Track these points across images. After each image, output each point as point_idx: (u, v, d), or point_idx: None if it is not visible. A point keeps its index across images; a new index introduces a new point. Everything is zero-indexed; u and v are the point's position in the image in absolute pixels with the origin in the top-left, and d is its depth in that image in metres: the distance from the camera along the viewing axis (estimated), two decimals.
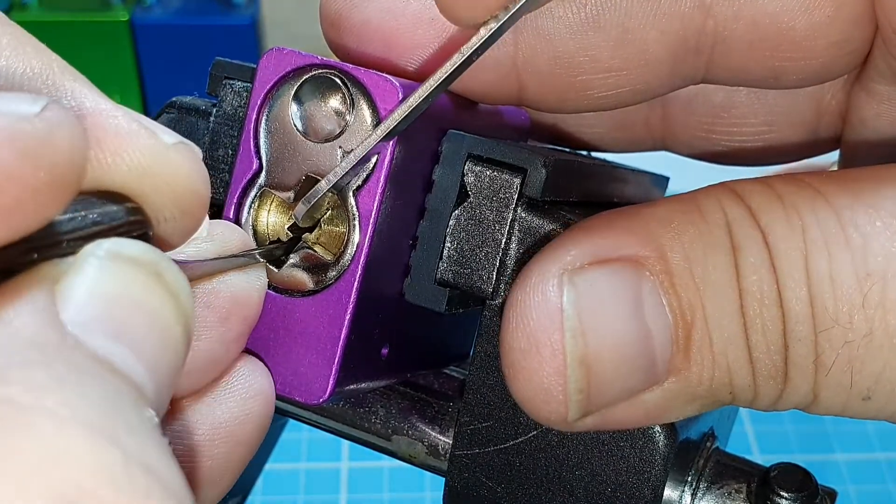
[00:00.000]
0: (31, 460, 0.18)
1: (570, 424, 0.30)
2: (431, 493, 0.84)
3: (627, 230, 0.29)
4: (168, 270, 0.24)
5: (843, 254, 0.28)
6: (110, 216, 0.23)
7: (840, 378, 0.28)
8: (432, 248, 0.33)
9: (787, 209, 0.28)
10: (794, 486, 0.33)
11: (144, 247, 0.23)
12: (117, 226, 0.23)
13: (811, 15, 0.34)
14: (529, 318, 0.29)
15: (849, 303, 0.28)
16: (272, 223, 0.32)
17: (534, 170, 0.32)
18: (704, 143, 0.43)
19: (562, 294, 0.29)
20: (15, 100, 0.20)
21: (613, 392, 0.29)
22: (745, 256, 0.28)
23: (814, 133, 0.41)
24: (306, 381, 0.31)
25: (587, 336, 0.29)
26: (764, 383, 0.29)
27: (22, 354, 0.20)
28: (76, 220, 0.22)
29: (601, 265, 0.29)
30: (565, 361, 0.29)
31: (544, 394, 0.29)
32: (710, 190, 0.30)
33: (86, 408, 0.19)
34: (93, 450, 0.19)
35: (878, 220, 0.28)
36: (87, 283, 0.22)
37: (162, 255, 0.24)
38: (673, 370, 0.29)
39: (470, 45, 0.29)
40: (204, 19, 1.14)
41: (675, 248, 0.29)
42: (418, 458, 0.37)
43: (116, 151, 0.24)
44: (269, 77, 0.32)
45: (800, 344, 0.28)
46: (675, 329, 0.29)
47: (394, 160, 0.31)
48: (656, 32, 0.35)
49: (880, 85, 0.37)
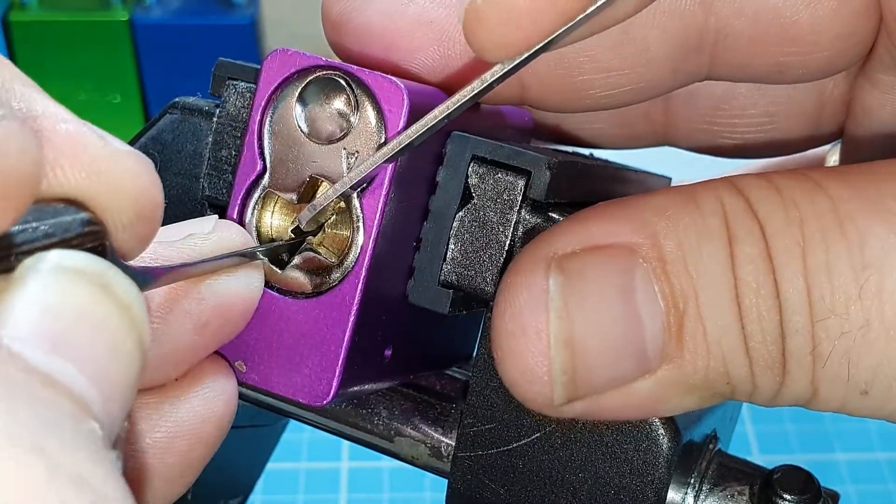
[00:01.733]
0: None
1: (557, 409, 0.30)
2: (431, 493, 0.84)
3: (621, 218, 0.29)
4: (117, 281, 0.23)
5: (840, 246, 0.28)
6: (63, 227, 0.22)
7: (838, 370, 0.28)
8: (436, 250, 0.33)
9: (786, 201, 0.28)
10: (796, 489, 0.33)
11: (90, 258, 0.22)
12: (71, 238, 0.22)
13: (815, 8, 0.34)
14: (516, 301, 0.29)
15: (845, 294, 0.28)
16: (276, 225, 0.32)
17: (538, 172, 0.32)
18: (706, 136, 0.42)
19: (548, 277, 0.29)
20: None
21: (602, 378, 0.29)
22: (741, 246, 0.28)
23: (816, 124, 0.41)
24: (310, 383, 0.31)
25: (573, 318, 0.29)
26: (762, 374, 0.29)
27: None
28: (26, 231, 0.22)
29: (593, 251, 0.29)
30: (548, 342, 0.29)
31: (529, 374, 0.29)
32: (709, 183, 0.30)
33: (13, 422, 0.19)
34: (16, 465, 0.18)
35: (875, 213, 0.28)
36: (26, 297, 0.21)
37: (110, 266, 0.23)
38: (665, 358, 0.29)
39: (492, 72, 0.29)
40: (204, 19, 1.14)
41: (670, 235, 0.29)
42: (421, 459, 0.37)
43: (69, 156, 0.23)
44: (273, 78, 0.32)
45: (797, 334, 0.28)
46: (668, 316, 0.29)
47: (398, 163, 0.31)
48: (657, 31, 0.35)
49: (885, 75, 0.37)
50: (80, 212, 0.23)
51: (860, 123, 0.39)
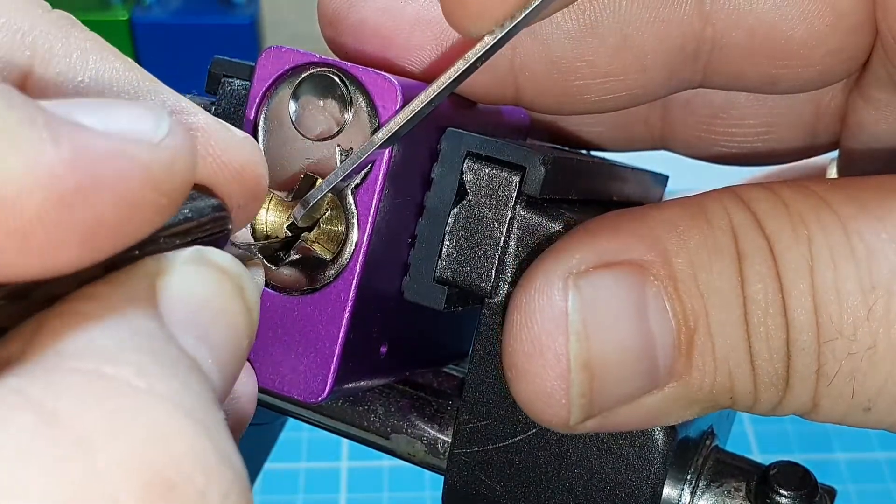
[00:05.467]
0: (140, 438, 0.19)
1: (571, 427, 0.30)
2: (431, 492, 0.84)
3: (632, 234, 0.29)
4: (249, 286, 0.25)
5: (849, 265, 0.28)
6: (199, 212, 0.25)
7: (842, 389, 0.28)
8: (431, 247, 0.33)
9: (793, 218, 0.28)
10: (793, 485, 0.33)
11: (232, 260, 0.25)
12: (205, 221, 0.25)
13: (810, 24, 0.34)
14: (533, 322, 0.29)
15: (853, 315, 0.28)
16: (271, 222, 0.32)
17: (533, 168, 0.32)
18: (704, 143, 0.43)
19: (566, 298, 0.29)
20: (137, 117, 0.21)
21: (615, 396, 0.29)
22: (750, 264, 0.28)
23: (813, 134, 0.41)
24: (305, 380, 0.31)
25: (591, 340, 0.29)
26: (765, 390, 0.29)
27: (132, 340, 0.21)
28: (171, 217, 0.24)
29: (606, 269, 0.29)
30: (569, 366, 0.29)
31: (547, 397, 0.29)
32: (716, 195, 0.30)
33: (189, 398, 0.21)
34: (194, 438, 0.20)
35: (883, 233, 0.28)
36: (182, 286, 0.23)
37: (245, 270, 0.25)
38: (675, 375, 0.29)
39: (474, 52, 0.29)
40: (203, 19, 1.14)
41: (681, 253, 0.29)
42: (417, 456, 0.37)
43: (205, 146, 0.26)
44: (267, 75, 0.32)
45: (803, 353, 0.28)
46: (678, 334, 0.29)
47: (392, 158, 0.31)
48: (655, 39, 0.35)
49: (879, 92, 0.37)
50: (210, 198, 0.25)
51: (856, 137, 0.39)
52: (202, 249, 0.24)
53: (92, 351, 0.21)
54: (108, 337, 0.21)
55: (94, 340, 0.21)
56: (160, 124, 0.21)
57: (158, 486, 0.19)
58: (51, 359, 0.20)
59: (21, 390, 0.19)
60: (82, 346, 0.21)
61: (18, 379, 0.20)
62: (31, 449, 0.18)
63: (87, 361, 0.20)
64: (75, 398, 0.19)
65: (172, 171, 0.21)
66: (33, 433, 0.19)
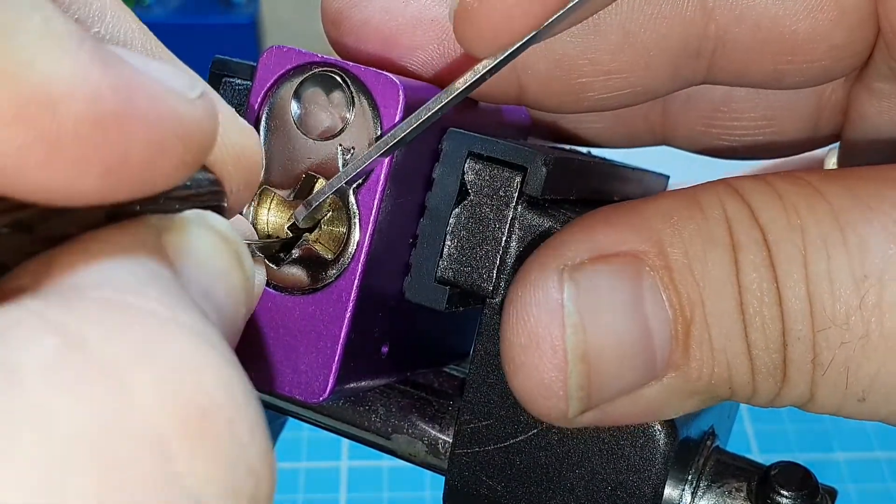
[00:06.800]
0: (172, 365, 0.19)
1: (569, 420, 0.30)
2: (431, 491, 0.84)
3: (627, 225, 0.29)
4: (245, 255, 0.25)
5: (841, 255, 0.28)
6: (197, 183, 0.24)
7: (836, 378, 0.28)
8: (432, 247, 0.33)
9: (787, 208, 0.28)
10: (794, 485, 0.33)
11: (231, 227, 0.25)
12: (203, 192, 0.25)
13: (814, 19, 0.34)
14: (530, 315, 0.29)
15: (846, 304, 0.28)
16: (272, 222, 0.32)
17: (534, 168, 0.32)
18: (704, 138, 0.43)
19: (562, 290, 0.29)
20: (174, 73, 0.21)
21: (614, 388, 0.29)
22: (745, 254, 0.28)
23: (814, 127, 0.41)
24: (306, 380, 0.31)
25: (588, 332, 0.29)
26: (763, 380, 0.29)
27: (151, 278, 0.21)
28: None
29: (601, 261, 0.29)
30: (566, 358, 0.29)
31: (545, 390, 0.29)
32: (710, 186, 0.30)
33: (212, 333, 0.20)
34: (222, 369, 0.20)
35: (875, 222, 0.28)
36: (187, 244, 0.23)
37: (241, 239, 0.25)
38: (672, 365, 0.29)
39: (484, 65, 0.29)
40: (204, 18, 1.14)
41: (676, 243, 0.29)
42: (418, 456, 0.37)
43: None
44: (269, 75, 0.32)
45: (798, 343, 0.28)
46: (675, 324, 0.29)
47: (394, 159, 0.31)
48: (657, 36, 0.35)
49: (882, 84, 0.37)
50: (209, 173, 0.25)
51: (857, 128, 0.39)
52: (203, 213, 0.24)
53: (113, 283, 0.20)
54: (128, 273, 0.20)
55: (114, 274, 0.20)
56: (195, 84, 0.22)
57: (193, 414, 0.19)
58: (70, 289, 0.20)
59: (42, 313, 0.18)
60: (102, 279, 0.20)
61: (38, 301, 0.19)
62: (57, 372, 0.17)
63: (110, 292, 0.20)
64: (102, 325, 0.19)
65: (202, 129, 0.21)
66: (58, 356, 0.18)
